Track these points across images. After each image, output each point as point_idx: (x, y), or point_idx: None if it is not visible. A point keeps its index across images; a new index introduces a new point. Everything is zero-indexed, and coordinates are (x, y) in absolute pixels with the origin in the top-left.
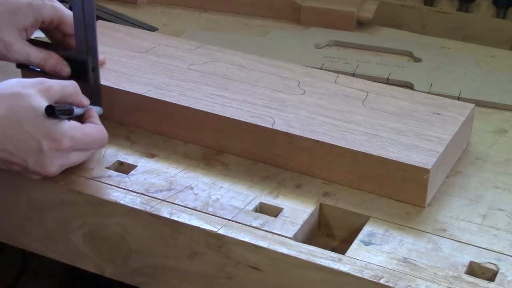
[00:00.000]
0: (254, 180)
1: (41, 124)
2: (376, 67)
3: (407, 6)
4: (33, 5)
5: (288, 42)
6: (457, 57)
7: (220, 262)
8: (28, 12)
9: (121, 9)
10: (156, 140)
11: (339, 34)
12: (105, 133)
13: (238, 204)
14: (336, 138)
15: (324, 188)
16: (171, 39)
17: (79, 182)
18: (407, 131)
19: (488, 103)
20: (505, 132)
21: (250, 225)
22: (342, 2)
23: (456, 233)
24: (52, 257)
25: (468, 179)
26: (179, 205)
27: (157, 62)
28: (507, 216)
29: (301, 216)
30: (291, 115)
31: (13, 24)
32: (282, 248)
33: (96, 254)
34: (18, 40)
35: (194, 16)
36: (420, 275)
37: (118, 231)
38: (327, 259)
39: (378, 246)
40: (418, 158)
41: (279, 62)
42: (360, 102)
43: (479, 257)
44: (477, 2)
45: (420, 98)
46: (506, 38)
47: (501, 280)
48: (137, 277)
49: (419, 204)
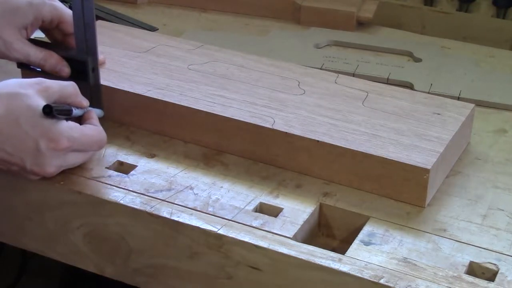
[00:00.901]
0: (254, 180)
1: (39, 124)
2: (376, 67)
3: (407, 6)
4: (33, 3)
5: (288, 42)
6: (457, 57)
7: (220, 262)
8: (28, 11)
9: (121, 9)
10: (156, 140)
11: (339, 34)
12: (104, 134)
13: (238, 204)
14: (336, 138)
15: (324, 188)
16: (171, 39)
17: (79, 182)
18: (407, 131)
19: (488, 103)
20: (505, 132)
21: (250, 225)
22: (342, 2)
23: (456, 233)
24: (52, 257)
25: (468, 179)
26: (179, 205)
27: (157, 62)
28: (507, 216)
29: (301, 216)
30: (291, 115)
31: (13, 23)
32: (282, 248)
33: (96, 254)
34: (18, 39)
35: (194, 16)
36: (420, 275)
37: (118, 231)
38: (327, 259)
39: (378, 246)
40: (418, 158)
41: (279, 62)
42: (360, 102)
43: (479, 257)
44: (477, 2)
45: (420, 98)
46: (506, 38)
47: (501, 280)
48: (137, 277)
49: (419, 204)
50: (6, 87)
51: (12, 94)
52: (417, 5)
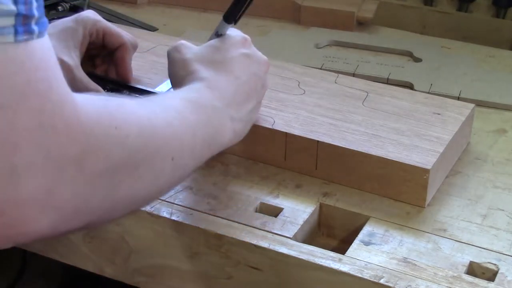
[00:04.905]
0: (254, 180)
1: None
2: (376, 67)
3: (407, 6)
4: (78, 19)
5: (288, 42)
6: (457, 57)
7: (220, 262)
8: (78, 28)
9: (121, 9)
10: None
11: (339, 34)
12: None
13: (238, 204)
14: (336, 138)
15: (324, 188)
16: (171, 39)
17: None
18: (407, 131)
19: (488, 103)
20: (505, 132)
21: (250, 225)
22: (342, 2)
23: (456, 233)
24: (52, 257)
25: (468, 179)
26: (179, 205)
27: (157, 62)
28: (507, 216)
29: (301, 216)
30: (291, 115)
31: (71, 43)
32: (282, 248)
33: (96, 254)
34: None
35: (194, 16)
36: (420, 275)
37: (118, 231)
38: (327, 259)
39: (378, 246)
40: (418, 158)
41: (279, 62)
42: (360, 102)
43: (479, 257)
44: (477, 2)
45: (420, 98)
46: (506, 38)
47: (501, 280)
48: (137, 277)
49: (419, 204)
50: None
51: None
52: (417, 5)
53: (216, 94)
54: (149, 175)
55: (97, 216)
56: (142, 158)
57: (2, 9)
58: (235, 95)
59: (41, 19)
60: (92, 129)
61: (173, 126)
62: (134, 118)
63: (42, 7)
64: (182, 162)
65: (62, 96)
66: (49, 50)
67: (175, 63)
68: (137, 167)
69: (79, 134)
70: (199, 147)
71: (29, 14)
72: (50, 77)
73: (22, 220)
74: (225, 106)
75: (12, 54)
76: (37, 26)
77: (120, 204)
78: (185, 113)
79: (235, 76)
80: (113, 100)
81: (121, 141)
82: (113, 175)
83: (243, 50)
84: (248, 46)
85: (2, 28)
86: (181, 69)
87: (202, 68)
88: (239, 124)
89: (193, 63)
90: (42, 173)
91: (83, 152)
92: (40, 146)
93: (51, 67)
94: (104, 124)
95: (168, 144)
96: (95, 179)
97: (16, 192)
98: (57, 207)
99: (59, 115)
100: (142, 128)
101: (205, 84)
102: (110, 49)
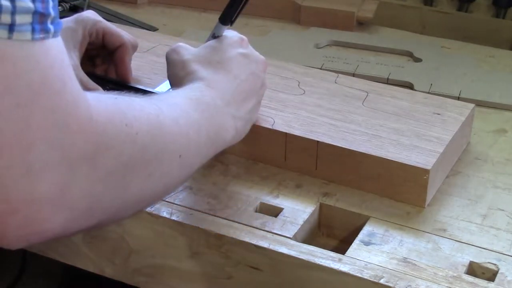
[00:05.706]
0: (254, 180)
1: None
2: (376, 67)
3: (407, 6)
4: (78, 19)
5: (288, 42)
6: (457, 57)
7: (220, 262)
8: (77, 28)
9: (121, 9)
10: None
11: (339, 34)
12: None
13: (238, 204)
14: (336, 138)
15: (324, 188)
16: (171, 39)
17: None
18: (407, 131)
19: (488, 103)
20: (505, 132)
21: (250, 225)
22: (342, 2)
23: (456, 233)
24: (52, 257)
25: (468, 179)
26: (179, 205)
27: (157, 62)
28: (507, 216)
29: (301, 216)
30: (291, 115)
31: (70, 43)
32: (282, 248)
33: (96, 254)
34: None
35: (194, 16)
36: (420, 275)
37: (118, 231)
38: (327, 259)
39: (378, 246)
40: (418, 159)
41: (279, 62)
42: (360, 102)
43: (479, 257)
44: (477, 2)
45: (420, 98)
46: (506, 38)
47: (501, 280)
48: (137, 277)
49: (419, 204)
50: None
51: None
52: (417, 5)
53: (217, 93)
54: (158, 173)
55: (108, 215)
56: (151, 155)
57: (21, 6)
58: (235, 94)
59: (56, 19)
60: (105, 127)
61: (179, 124)
62: (143, 115)
63: (57, 7)
64: (189, 159)
65: (75, 95)
66: (63, 50)
67: (174, 65)
68: (147, 165)
69: (92, 133)
70: (204, 144)
71: (46, 13)
72: (64, 76)
73: (36, 219)
74: (226, 105)
75: (28, 52)
76: (53, 25)
77: (129, 203)
78: (189, 110)
79: (234, 75)
80: (123, 98)
81: (131, 138)
82: (125, 173)
83: (240, 50)
84: (245, 46)
85: (20, 25)
86: (180, 70)
87: (201, 68)
88: (240, 122)
89: (192, 64)
90: (57, 172)
91: (96, 151)
92: (55, 145)
93: (65, 67)
94: (115, 122)
95: (175, 141)
96: (107, 177)
97: (31, 191)
98: (70, 205)
99: (73, 114)
100: (151, 125)
101: (205, 83)
102: (110, 49)
